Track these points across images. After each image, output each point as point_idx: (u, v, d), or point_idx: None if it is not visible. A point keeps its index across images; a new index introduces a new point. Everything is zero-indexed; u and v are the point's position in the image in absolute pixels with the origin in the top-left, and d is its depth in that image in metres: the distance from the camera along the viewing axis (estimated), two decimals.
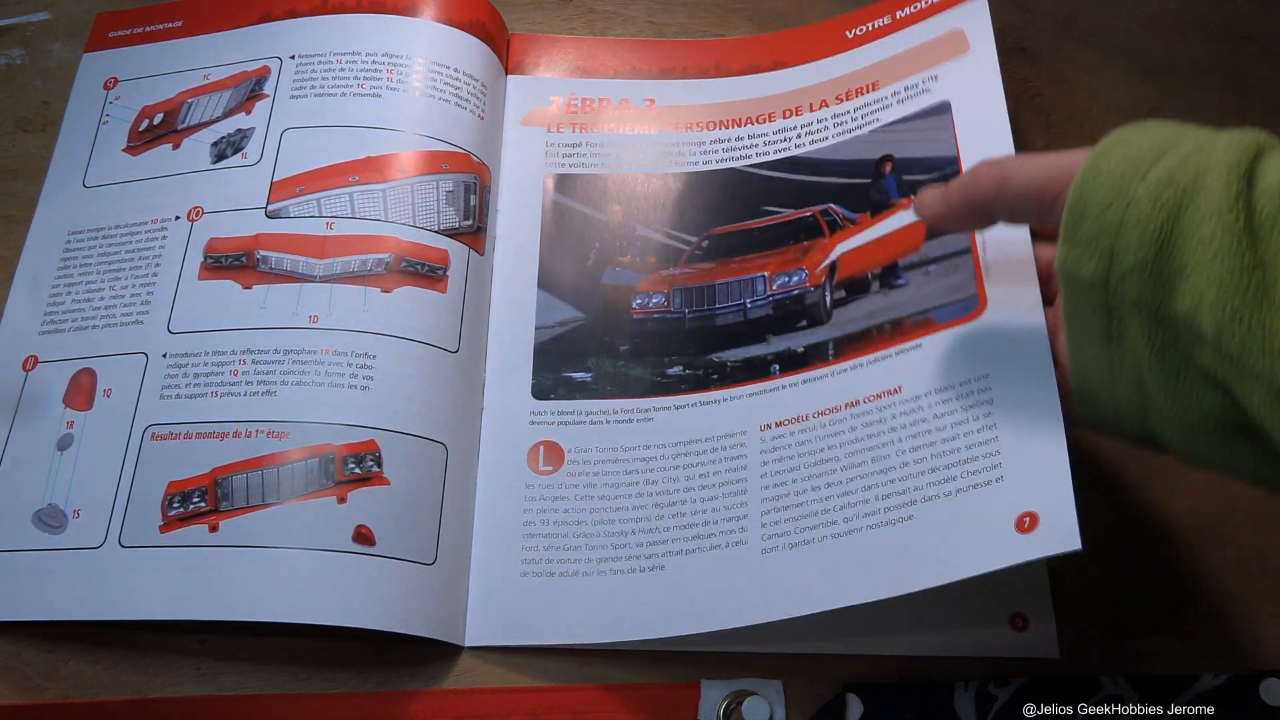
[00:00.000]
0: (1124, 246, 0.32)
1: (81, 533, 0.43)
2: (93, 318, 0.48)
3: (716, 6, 0.59)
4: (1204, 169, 0.31)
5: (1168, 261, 0.31)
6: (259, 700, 0.41)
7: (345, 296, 0.47)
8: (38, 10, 0.58)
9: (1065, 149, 0.35)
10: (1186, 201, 0.31)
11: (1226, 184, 0.30)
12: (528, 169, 0.53)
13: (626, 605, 0.43)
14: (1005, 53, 0.58)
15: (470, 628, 0.43)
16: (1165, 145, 0.33)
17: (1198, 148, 0.32)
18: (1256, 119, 0.56)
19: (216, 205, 0.50)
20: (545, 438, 0.47)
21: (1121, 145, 0.33)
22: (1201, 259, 0.30)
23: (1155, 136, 0.33)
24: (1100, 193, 0.33)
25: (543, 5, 0.58)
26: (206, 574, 0.41)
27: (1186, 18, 0.60)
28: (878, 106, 0.51)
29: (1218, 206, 0.30)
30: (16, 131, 0.54)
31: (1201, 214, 0.30)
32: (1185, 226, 0.31)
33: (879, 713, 0.41)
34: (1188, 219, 0.31)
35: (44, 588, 0.42)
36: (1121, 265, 0.32)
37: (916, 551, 0.39)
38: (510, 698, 0.41)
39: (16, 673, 0.42)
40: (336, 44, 0.53)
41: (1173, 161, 0.32)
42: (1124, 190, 0.32)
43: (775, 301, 0.48)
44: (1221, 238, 0.30)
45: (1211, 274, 0.30)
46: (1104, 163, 0.33)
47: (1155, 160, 0.32)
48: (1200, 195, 0.31)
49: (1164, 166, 0.32)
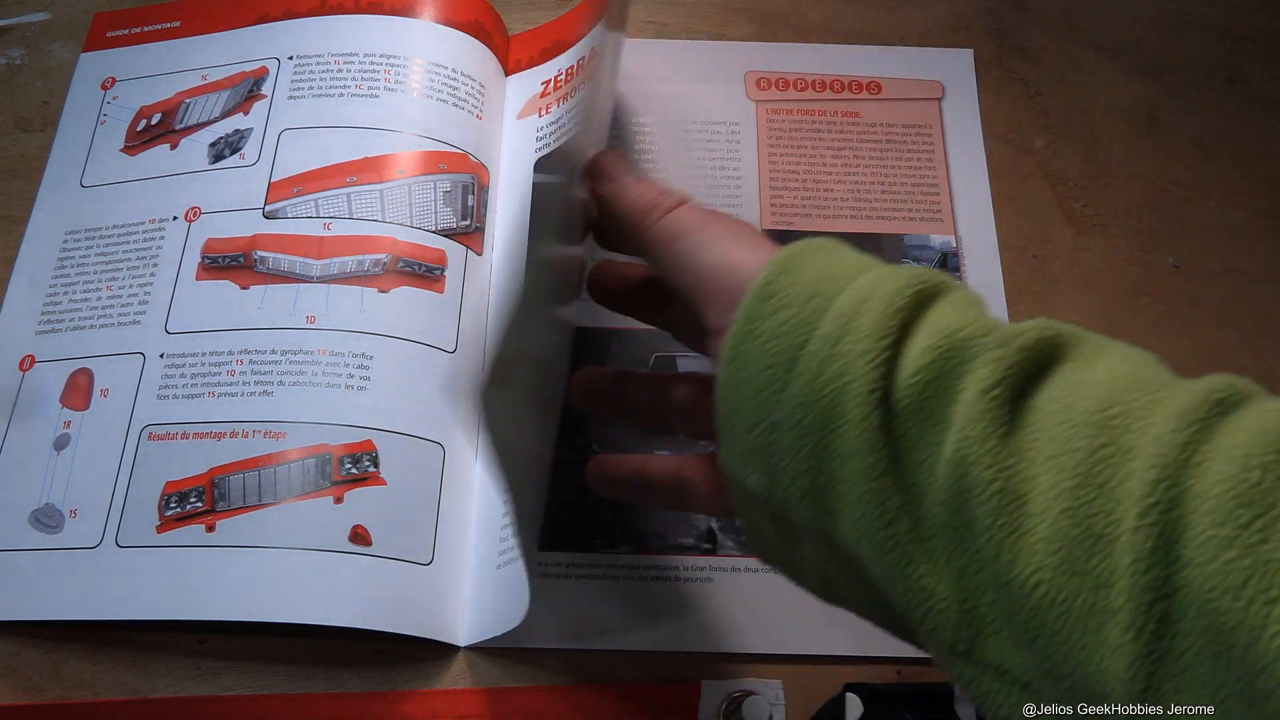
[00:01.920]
0: (782, 469, 0.28)
1: (78, 533, 0.43)
2: (90, 318, 0.48)
3: (716, 6, 0.59)
4: (843, 378, 0.26)
5: (825, 492, 0.27)
6: (259, 700, 0.41)
7: (342, 297, 0.46)
8: (38, 10, 0.58)
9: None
10: (829, 428, 0.27)
11: (864, 413, 0.26)
12: (523, 164, 0.53)
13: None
14: (1005, 53, 0.58)
15: (467, 628, 0.43)
16: (807, 328, 0.28)
17: (841, 331, 0.27)
18: (1256, 119, 0.56)
19: (214, 206, 0.50)
20: None
21: (758, 339, 0.28)
22: (849, 501, 0.27)
23: (796, 314, 0.28)
24: (745, 411, 0.28)
25: (543, 5, 0.58)
26: (203, 574, 0.41)
27: (1186, 18, 0.60)
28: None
29: (856, 446, 0.26)
30: (16, 131, 0.54)
31: (842, 452, 0.26)
32: (830, 461, 0.27)
33: (879, 713, 0.41)
34: (833, 451, 0.27)
35: (41, 588, 0.42)
36: (783, 489, 0.28)
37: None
38: (510, 698, 0.41)
39: (16, 673, 0.41)
40: (335, 45, 0.53)
41: (812, 367, 0.27)
42: (767, 408, 0.28)
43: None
44: (864, 486, 0.26)
45: (861, 522, 0.26)
46: (742, 370, 0.28)
47: (794, 360, 0.28)
48: (839, 427, 0.26)
49: (801, 379, 0.27)
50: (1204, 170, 0.55)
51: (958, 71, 0.57)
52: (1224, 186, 0.55)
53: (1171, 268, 0.52)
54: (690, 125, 0.55)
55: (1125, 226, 0.53)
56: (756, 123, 0.55)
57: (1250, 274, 0.52)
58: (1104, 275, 0.52)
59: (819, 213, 0.52)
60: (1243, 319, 0.51)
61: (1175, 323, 0.51)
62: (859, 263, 0.30)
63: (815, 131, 0.55)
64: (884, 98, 0.56)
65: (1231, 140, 0.56)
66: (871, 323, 0.27)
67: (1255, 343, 0.51)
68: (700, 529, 0.45)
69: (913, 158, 0.54)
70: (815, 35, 0.58)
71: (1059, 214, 0.54)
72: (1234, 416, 0.23)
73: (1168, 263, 0.53)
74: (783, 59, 0.57)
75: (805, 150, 0.54)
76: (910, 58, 0.57)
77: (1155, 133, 0.56)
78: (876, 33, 0.58)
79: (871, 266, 0.29)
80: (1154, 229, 0.53)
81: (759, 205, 0.52)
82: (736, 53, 0.57)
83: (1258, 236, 0.53)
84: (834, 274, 0.29)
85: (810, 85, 0.56)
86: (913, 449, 0.26)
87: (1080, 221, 0.54)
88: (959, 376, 0.26)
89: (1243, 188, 0.55)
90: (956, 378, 0.26)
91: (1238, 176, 0.55)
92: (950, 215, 0.53)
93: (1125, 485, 0.23)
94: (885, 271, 0.29)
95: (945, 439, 0.25)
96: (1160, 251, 0.53)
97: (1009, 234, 0.53)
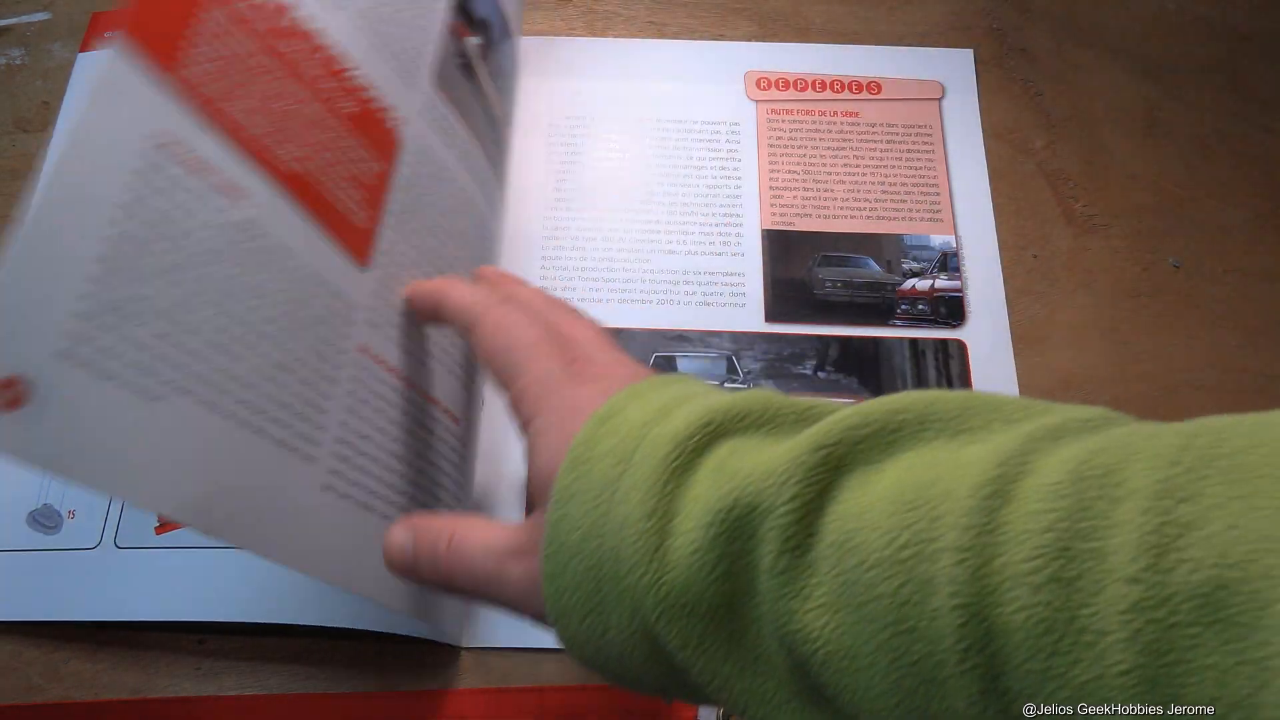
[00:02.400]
0: (618, 660, 0.27)
1: (77, 533, 0.43)
2: None
3: (716, 6, 0.59)
4: (625, 581, 0.25)
5: (682, 674, 0.26)
6: (259, 700, 0.41)
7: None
8: (38, 10, 0.58)
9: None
10: (651, 635, 0.25)
11: (662, 617, 0.25)
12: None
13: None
14: (1005, 53, 0.58)
15: (468, 629, 0.43)
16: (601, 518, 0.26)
17: (619, 519, 0.25)
18: (1256, 119, 0.56)
19: None
20: None
21: (558, 578, 0.27)
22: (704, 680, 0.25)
23: (580, 558, 0.26)
24: (572, 609, 0.27)
25: (543, 5, 0.58)
26: (202, 575, 0.41)
27: (1186, 18, 0.60)
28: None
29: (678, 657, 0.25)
30: (16, 131, 0.54)
31: (680, 664, 0.25)
32: (672, 665, 0.26)
33: None
34: (668, 656, 0.26)
35: (40, 588, 0.42)
36: (621, 672, 0.27)
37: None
38: (510, 698, 0.41)
39: (16, 673, 0.41)
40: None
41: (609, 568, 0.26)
42: (594, 612, 0.26)
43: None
44: (709, 684, 0.25)
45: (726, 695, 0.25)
46: (560, 578, 0.27)
47: (591, 590, 0.26)
48: (653, 629, 0.25)
49: (610, 581, 0.26)
50: (1204, 170, 0.55)
51: (958, 71, 0.57)
52: (1224, 186, 0.55)
53: (1172, 268, 0.52)
54: (690, 125, 0.55)
55: (1125, 226, 0.54)
56: (757, 123, 0.55)
57: (1250, 274, 0.52)
58: (1104, 275, 0.52)
59: (819, 213, 0.52)
60: (1243, 319, 0.51)
61: (1175, 323, 0.51)
62: (628, 440, 0.27)
63: (815, 131, 0.55)
64: (884, 98, 0.56)
65: (1231, 140, 0.56)
66: (633, 528, 0.25)
67: (1255, 343, 0.51)
68: None
69: (913, 158, 0.54)
70: (816, 35, 0.58)
71: (1059, 214, 0.54)
72: (1009, 506, 0.21)
73: (1168, 263, 0.53)
74: (783, 59, 0.57)
75: (805, 150, 0.54)
76: (910, 58, 0.57)
77: (1155, 133, 0.56)
78: (877, 33, 0.58)
79: (638, 442, 0.26)
80: (1154, 229, 0.53)
81: (759, 205, 0.52)
82: (737, 53, 0.57)
83: (1258, 236, 0.53)
84: (617, 449, 0.27)
85: (810, 85, 0.56)
86: (742, 630, 0.24)
87: (1080, 221, 0.54)
88: (749, 553, 0.24)
89: (1243, 188, 0.55)
90: (748, 552, 0.24)
91: (1238, 176, 0.55)
92: (950, 215, 0.53)
93: (935, 625, 0.21)
94: (647, 449, 0.26)
95: (761, 614, 0.24)
96: (1160, 251, 0.53)
97: (1009, 234, 0.53)
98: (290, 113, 0.33)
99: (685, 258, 0.51)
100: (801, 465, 0.24)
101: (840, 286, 0.51)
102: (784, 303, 0.50)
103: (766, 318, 0.50)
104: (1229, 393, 0.49)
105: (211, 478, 0.28)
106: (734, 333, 0.49)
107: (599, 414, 0.28)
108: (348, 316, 0.35)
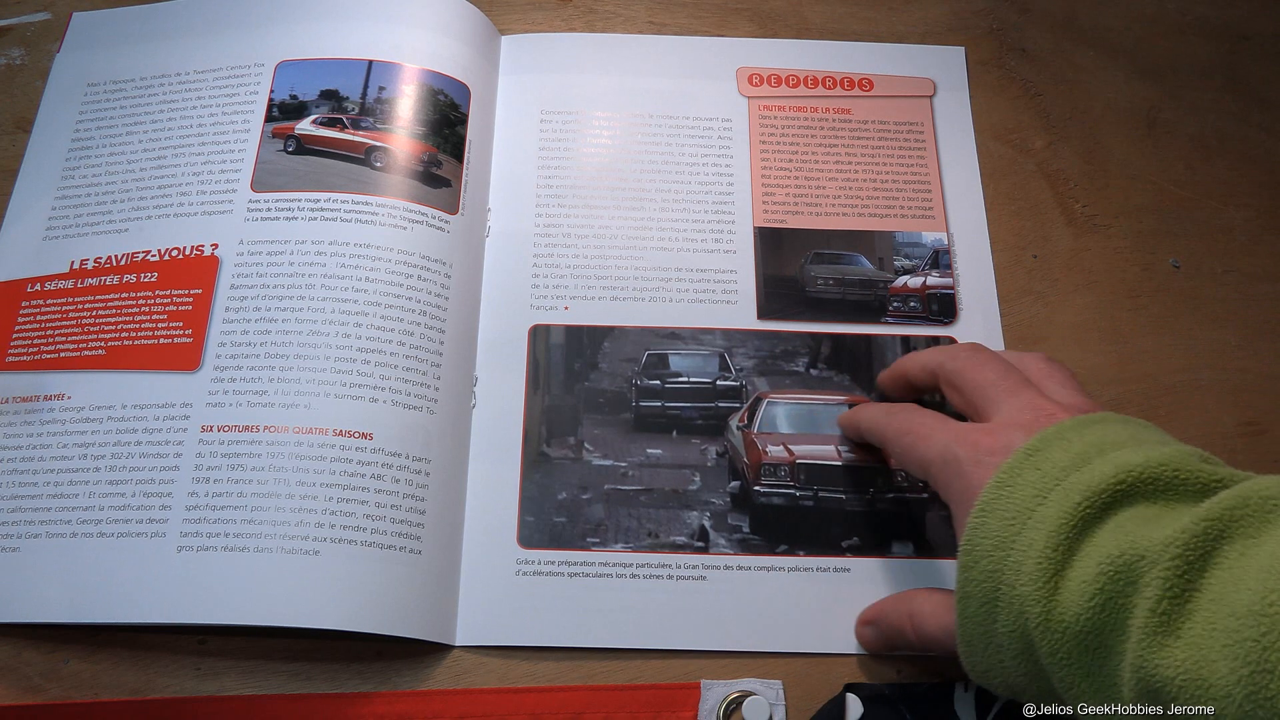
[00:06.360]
0: (1009, 684, 0.35)
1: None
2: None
3: (716, 6, 0.59)
4: (1020, 605, 0.32)
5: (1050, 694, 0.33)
6: (259, 700, 0.41)
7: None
8: (37, 10, 0.58)
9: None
10: (1032, 658, 0.33)
11: (1051, 644, 0.31)
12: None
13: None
14: (1005, 52, 0.58)
15: (461, 628, 0.43)
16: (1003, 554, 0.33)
17: (1017, 561, 0.33)
18: (1256, 119, 0.56)
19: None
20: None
21: (973, 569, 0.34)
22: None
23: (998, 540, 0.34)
24: (973, 635, 0.35)
25: (542, 5, 0.58)
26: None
27: (1186, 18, 0.60)
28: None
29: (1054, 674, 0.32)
30: (16, 131, 0.54)
31: (1056, 689, 0.32)
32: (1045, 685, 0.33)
33: (879, 713, 0.41)
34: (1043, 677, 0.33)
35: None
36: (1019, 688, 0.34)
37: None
38: (510, 698, 0.41)
39: (16, 673, 0.41)
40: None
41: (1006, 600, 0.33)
42: (988, 633, 0.34)
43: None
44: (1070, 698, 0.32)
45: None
46: (967, 605, 0.34)
47: (995, 592, 0.33)
48: (1040, 653, 0.32)
49: (1005, 611, 0.33)
50: (1204, 170, 0.55)
51: (949, 69, 0.57)
52: (1224, 186, 0.55)
53: (1172, 268, 0.52)
54: (682, 121, 0.55)
55: (1125, 226, 0.54)
56: (748, 119, 0.55)
57: (1250, 274, 0.52)
58: (1104, 275, 0.52)
59: (810, 210, 0.52)
60: (1243, 319, 0.51)
61: (1175, 323, 0.51)
62: (1052, 474, 0.33)
63: (807, 128, 0.55)
64: (875, 95, 0.56)
65: (1231, 140, 0.56)
66: (1037, 553, 0.32)
67: (1255, 343, 0.51)
68: (693, 527, 0.45)
69: (904, 155, 0.54)
70: (815, 36, 0.58)
71: (1059, 214, 0.54)
72: None
73: (1168, 263, 0.53)
74: (775, 55, 0.57)
75: (797, 147, 0.54)
76: (902, 55, 0.57)
77: (1155, 133, 0.56)
78: (877, 33, 0.58)
79: (1055, 483, 0.33)
80: (1154, 229, 0.53)
81: (750, 202, 0.52)
82: (729, 49, 0.57)
83: (1258, 236, 0.53)
84: (1033, 491, 0.33)
85: (802, 81, 0.56)
86: (1104, 657, 0.30)
87: (1080, 221, 0.54)
88: (1128, 595, 0.30)
89: (1243, 188, 0.55)
90: (1127, 595, 0.30)
91: (1238, 176, 0.55)
92: (942, 212, 0.53)
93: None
94: (1060, 494, 0.32)
95: (1125, 648, 0.29)
96: (1160, 251, 0.53)
97: (1009, 234, 0.53)
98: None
99: (677, 255, 0.51)
100: (1186, 531, 0.29)
101: (832, 284, 0.51)
102: (776, 300, 0.50)
103: (759, 315, 0.50)
104: (1229, 393, 0.49)
105: (71, 583, 0.41)
106: (726, 330, 0.49)
107: (1027, 447, 0.34)
108: (185, 414, 0.43)
